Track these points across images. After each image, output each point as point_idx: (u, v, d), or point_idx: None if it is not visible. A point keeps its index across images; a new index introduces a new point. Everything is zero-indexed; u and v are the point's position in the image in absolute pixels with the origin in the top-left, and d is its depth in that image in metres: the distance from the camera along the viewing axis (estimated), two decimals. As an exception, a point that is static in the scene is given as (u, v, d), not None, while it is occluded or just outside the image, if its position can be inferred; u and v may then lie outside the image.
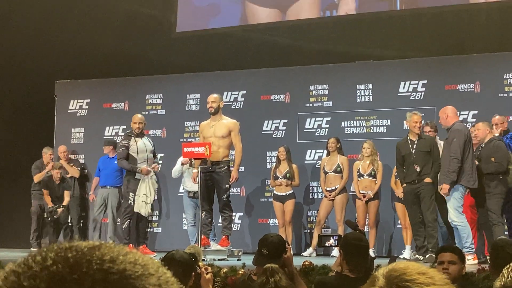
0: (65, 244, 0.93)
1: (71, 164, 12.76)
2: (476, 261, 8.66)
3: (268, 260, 4.80)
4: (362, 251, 4.97)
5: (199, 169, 9.73)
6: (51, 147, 13.01)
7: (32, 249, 11.79)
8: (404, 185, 9.64)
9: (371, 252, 8.90)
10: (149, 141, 10.83)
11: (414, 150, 9.52)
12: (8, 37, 13.75)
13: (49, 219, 11.95)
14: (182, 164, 11.36)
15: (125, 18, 13.65)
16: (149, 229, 12.66)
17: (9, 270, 0.92)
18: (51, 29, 13.82)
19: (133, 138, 10.59)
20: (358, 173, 10.78)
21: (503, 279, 2.16)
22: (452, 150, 8.95)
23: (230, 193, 10.34)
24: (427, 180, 9.38)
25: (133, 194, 10.40)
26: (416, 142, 9.57)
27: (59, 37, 13.78)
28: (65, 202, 12.03)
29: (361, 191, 10.73)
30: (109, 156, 12.25)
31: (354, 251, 4.93)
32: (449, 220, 9.12)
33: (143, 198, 10.49)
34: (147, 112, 12.86)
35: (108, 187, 12.10)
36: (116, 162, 11.39)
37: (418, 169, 9.44)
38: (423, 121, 10.23)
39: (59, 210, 11.86)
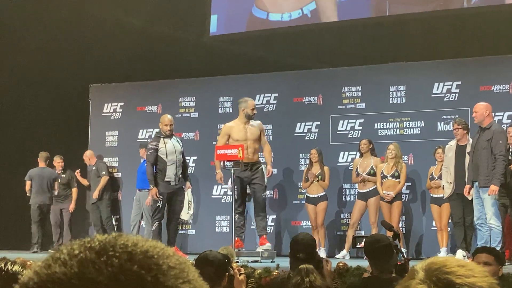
0: (85, 239, 0.99)
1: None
2: None
3: (304, 263, 4.81)
4: (383, 252, 4.93)
5: (233, 171, 9.77)
6: (86, 150, 13.21)
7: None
8: None
9: (405, 253, 8.86)
10: (178, 142, 10.61)
11: None
12: (43, 42, 13.91)
13: None
14: None
15: (159, 22, 13.73)
16: (181, 231, 12.71)
17: (36, 266, 0.96)
18: (85, 33, 13.95)
19: (162, 139, 10.40)
20: (382, 175, 10.76)
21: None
22: (499, 151, 8.87)
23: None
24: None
25: (161, 197, 10.32)
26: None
27: (94, 41, 13.91)
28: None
29: (384, 192, 10.70)
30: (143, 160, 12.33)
31: (375, 254, 4.93)
32: (477, 222, 9.03)
33: (186, 207, 10.56)
34: (180, 115, 12.91)
35: (142, 190, 12.16)
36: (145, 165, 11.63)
37: None
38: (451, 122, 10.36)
39: None
